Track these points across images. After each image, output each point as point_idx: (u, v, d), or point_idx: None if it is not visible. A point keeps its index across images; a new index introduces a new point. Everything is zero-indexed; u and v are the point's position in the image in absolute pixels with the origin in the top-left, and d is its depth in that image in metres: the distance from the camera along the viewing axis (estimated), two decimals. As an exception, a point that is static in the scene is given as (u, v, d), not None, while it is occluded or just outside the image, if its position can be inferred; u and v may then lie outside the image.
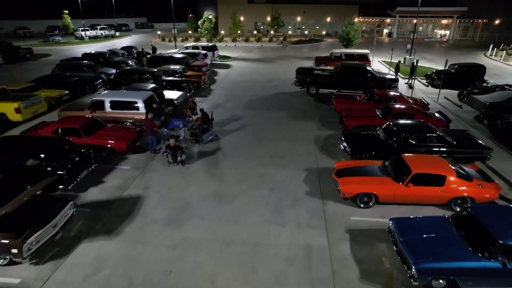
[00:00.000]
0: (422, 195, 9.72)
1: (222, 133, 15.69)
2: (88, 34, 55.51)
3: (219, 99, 21.03)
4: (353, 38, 32.66)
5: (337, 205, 10.31)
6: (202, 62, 27.06)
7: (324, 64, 28.94)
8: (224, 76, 27.39)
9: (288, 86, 23.76)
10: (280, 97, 21.42)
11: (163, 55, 26.59)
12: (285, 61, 34.38)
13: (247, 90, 23.23)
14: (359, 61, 27.70)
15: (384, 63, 32.47)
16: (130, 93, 16.42)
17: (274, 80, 26.11)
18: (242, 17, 56.33)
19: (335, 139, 15.02)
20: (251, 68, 30.85)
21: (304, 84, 21.46)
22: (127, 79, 20.77)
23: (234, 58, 35.63)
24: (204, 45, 31.35)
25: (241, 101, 20.68)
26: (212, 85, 24.46)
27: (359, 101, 17.58)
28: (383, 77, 20.88)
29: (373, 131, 13.58)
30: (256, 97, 21.43)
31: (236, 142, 14.74)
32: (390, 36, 56.24)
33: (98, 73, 24.00)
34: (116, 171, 12.36)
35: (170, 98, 18.13)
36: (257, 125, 16.73)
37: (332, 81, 21.07)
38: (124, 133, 13.55)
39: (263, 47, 45.80)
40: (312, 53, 40.39)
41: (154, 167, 12.65)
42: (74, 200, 10.46)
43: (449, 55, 39.38)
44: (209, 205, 10.35)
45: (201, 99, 21.06)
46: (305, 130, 16.04)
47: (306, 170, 12.39)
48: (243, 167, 12.64)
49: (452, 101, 20.63)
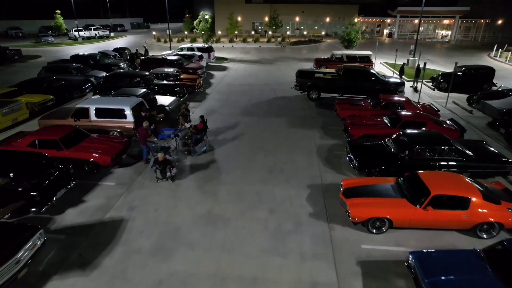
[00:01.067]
0: (442, 220, 8.55)
1: (216, 143, 14.48)
2: (82, 34, 54.18)
3: (215, 104, 19.82)
4: (354, 39, 31.53)
5: (345, 230, 9.12)
6: (197, 64, 25.86)
7: (325, 66, 27.79)
8: (220, 79, 26.18)
9: (287, 89, 22.59)
10: (279, 102, 20.23)
11: (156, 57, 25.36)
12: (283, 63, 33.21)
13: (244, 94, 22.04)
14: (362, 63, 26.60)
15: (386, 65, 31.35)
16: (117, 99, 15.19)
17: (272, 83, 24.92)
18: (239, 17, 55.12)
19: (339, 149, 13.85)
20: (249, 70, 29.66)
21: (304, 88, 20.29)
22: (117, 83, 19.54)
23: (231, 60, 34.43)
24: (200, 47, 30.14)
25: (237, 106, 19.48)
26: (208, 89, 23.25)
27: (364, 107, 16.41)
28: (388, 81, 19.73)
29: (381, 142, 12.42)
30: (254, 102, 20.23)
31: (231, 153, 13.54)
32: (391, 37, 55.20)
33: (87, 76, 22.75)
34: (98, 189, 11.13)
35: (161, 104, 16.92)
36: (254, 133, 15.54)
37: (335, 85, 19.90)
38: (109, 145, 12.32)
39: (261, 48, 44.61)
40: (312, 54, 39.26)
41: (141, 184, 11.43)
42: (48, 225, 9.25)
43: (452, 56, 38.36)
44: (200, 229, 9.14)
45: (195, 104, 19.84)
46: (306, 139, 14.86)
47: (309, 186, 11.20)
48: (239, 183, 11.44)
49: (462, 106, 19.51)
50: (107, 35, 57.53)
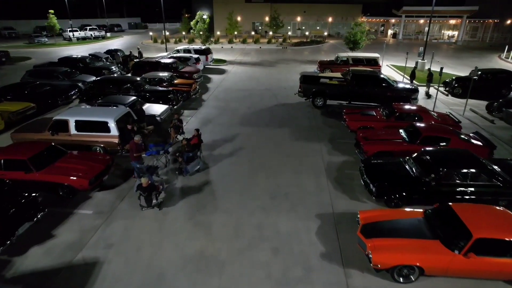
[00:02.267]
0: (488, 270, 6.93)
1: (212, 159, 12.86)
2: (77, 35, 52.56)
3: (211, 113, 18.19)
4: (360, 40, 29.88)
5: (365, 278, 7.50)
6: (194, 67, 24.23)
7: (329, 69, 26.17)
8: (218, 83, 24.55)
9: (290, 95, 20.97)
10: (281, 110, 18.60)
11: (149, 60, 23.72)
12: (285, 65, 31.56)
13: (243, 100, 20.41)
14: (368, 66, 24.99)
15: (395, 68, 29.70)
16: (100, 110, 13.57)
17: (273, 88, 23.29)
18: (239, 17, 53.48)
19: (351, 167, 12.22)
20: (248, 73, 28.02)
21: (309, 95, 18.65)
22: (105, 89, 17.92)
23: (230, 62, 32.78)
24: (197, 48, 28.49)
25: (236, 115, 17.85)
26: (204, 95, 21.62)
27: (376, 118, 14.78)
28: (400, 87, 18.09)
29: (400, 160, 10.80)
30: (254, 110, 18.60)
31: (228, 173, 11.91)
32: (395, 37, 53.48)
33: (75, 81, 21.13)
34: (72, 219, 9.51)
35: (151, 114, 15.29)
36: (254, 147, 13.91)
37: (342, 92, 18.26)
38: (88, 165, 10.71)
39: (261, 49, 42.97)
40: (314, 56, 37.64)
41: (123, 212, 9.81)
42: (4, 271, 7.63)
43: (461, 58, 36.74)
44: (189, 277, 7.52)
45: (190, 112, 18.22)
46: (313, 155, 13.23)
47: (318, 216, 9.58)
48: (236, 211, 9.82)
49: (481, 115, 17.87)
50: (103, 35, 55.89)
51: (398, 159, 10.99)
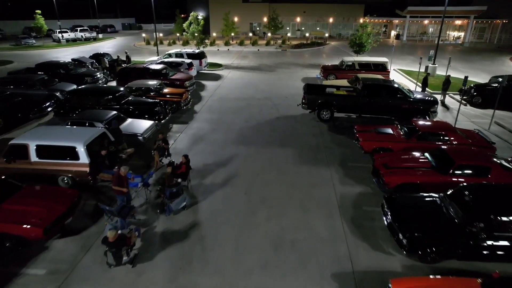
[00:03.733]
0: None
1: (201, 191, 10.72)
2: (66, 36, 50.26)
3: (203, 127, 16.05)
4: (366, 43, 27.77)
5: None
6: (186, 74, 22.06)
7: (334, 75, 24.07)
8: (213, 91, 22.39)
9: (292, 106, 18.87)
10: (283, 124, 16.48)
11: (137, 67, 21.54)
12: (285, 70, 29.42)
13: (240, 112, 18.27)
14: (376, 72, 22.95)
15: (403, 73, 27.62)
16: (68, 132, 11.43)
17: (273, 96, 21.16)
18: (236, 18, 51.31)
19: (369, 202, 10.13)
20: (246, 79, 25.87)
21: (314, 107, 16.53)
22: (82, 102, 15.77)
23: (226, 66, 30.62)
24: (190, 52, 26.28)
25: (231, 130, 15.72)
26: (197, 105, 19.46)
27: (394, 137, 12.68)
28: (418, 99, 15.99)
29: (434, 199, 8.72)
30: (251, 124, 16.47)
31: (221, 212, 9.77)
32: (399, 38, 51.37)
33: (52, 90, 18.90)
34: (16, 284, 7.35)
35: (132, 133, 13.14)
36: (252, 174, 11.79)
37: (351, 103, 16.16)
38: (46, 206, 8.57)
39: (259, 51, 40.81)
40: (316, 59, 35.54)
41: (85, 271, 7.67)
42: None
43: (471, 61, 34.76)
44: None
45: (179, 127, 16.07)
46: (322, 185, 11.12)
47: (334, 277, 7.46)
48: (230, 272, 7.68)
49: (509, 129, 15.81)
50: (94, 37, 53.65)
51: (430, 196, 8.91)
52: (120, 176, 8.93)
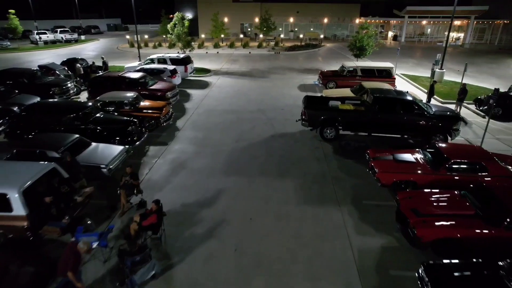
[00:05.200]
0: None
1: (177, 247, 8.17)
2: (45, 38, 47.09)
3: (185, 150, 13.49)
4: (368, 46, 25.46)
5: None
6: (168, 83, 19.41)
7: (334, 82, 21.73)
8: (198, 102, 19.82)
9: (289, 120, 16.46)
10: (280, 145, 14.00)
11: (111, 75, 18.84)
12: (280, 76, 26.97)
13: (229, 129, 15.77)
14: (380, 79, 20.72)
15: (407, 79, 25.40)
16: (1, 168, 8.77)
17: (267, 108, 18.68)
18: (226, 18, 48.74)
19: (397, 262, 7.71)
20: (236, 87, 23.34)
21: (316, 124, 14.11)
22: (41, 120, 13.13)
23: (215, 72, 28.03)
24: (174, 57, 23.64)
25: (218, 153, 13.20)
26: (179, 120, 16.87)
27: (417, 166, 10.30)
28: (437, 114, 13.65)
29: (493, 270, 6.35)
30: (243, 145, 13.97)
31: (203, 283, 7.24)
32: (396, 40, 49.26)
33: (9, 104, 16.11)
34: None
35: (94, 164, 10.53)
36: (243, 220, 9.28)
37: (360, 121, 13.78)
38: None
39: (251, 54, 38.29)
40: (311, 62, 33.18)
41: None
42: None
43: (476, 63, 32.76)
44: None
45: (156, 150, 13.48)
46: (333, 237, 8.66)
47: None
48: None
49: (544, 150, 13.60)
50: (75, 38, 50.53)
51: (486, 265, 6.53)
52: (74, 252, 6.31)
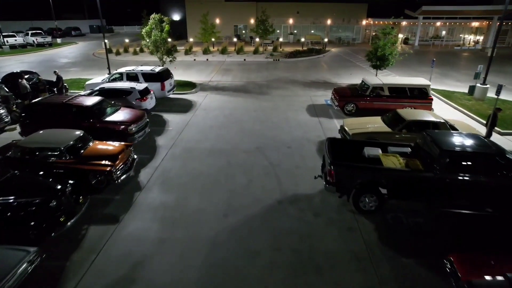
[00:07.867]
0: None
1: None
2: (12, 41, 41.61)
3: (143, 237, 8.35)
4: (390, 56, 20.50)
5: None
6: (133, 112, 14.08)
7: (354, 104, 16.75)
8: (176, 136, 14.69)
9: (301, 168, 11.42)
10: (291, 226, 8.92)
11: (52, 101, 13.52)
12: (282, 92, 21.90)
13: (215, 186, 10.68)
14: (414, 100, 15.93)
15: (440, 96, 20.49)
16: None
17: (268, 145, 13.62)
18: (217, 20, 43.60)
19: None
20: (227, 109, 18.23)
21: (349, 191, 9.06)
22: None
23: (202, 86, 22.91)
24: (147, 72, 18.41)
25: (195, 242, 8.10)
26: (144, 170, 11.71)
27: None
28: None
29: None
30: (234, 223, 8.87)
31: None
32: (407, 43, 44.24)
33: None
34: None
35: None
36: None
37: (417, 185, 8.74)
38: None
39: (246, 62, 33.17)
40: (318, 72, 28.13)
41: None
42: None
43: (509, 72, 27.87)
44: None
45: (97, 237, 8.32)
46: None
47: None
48: None
49: None
50: (49, 42, 45.05)
51: None
52: None
